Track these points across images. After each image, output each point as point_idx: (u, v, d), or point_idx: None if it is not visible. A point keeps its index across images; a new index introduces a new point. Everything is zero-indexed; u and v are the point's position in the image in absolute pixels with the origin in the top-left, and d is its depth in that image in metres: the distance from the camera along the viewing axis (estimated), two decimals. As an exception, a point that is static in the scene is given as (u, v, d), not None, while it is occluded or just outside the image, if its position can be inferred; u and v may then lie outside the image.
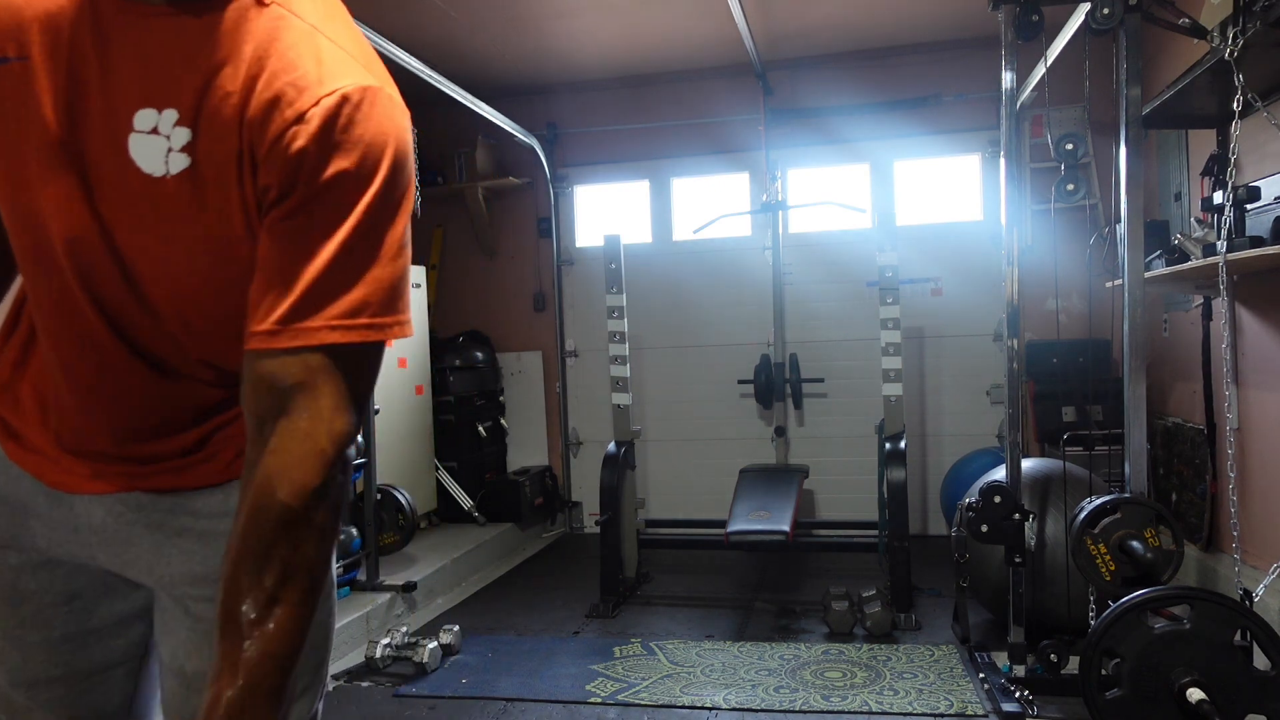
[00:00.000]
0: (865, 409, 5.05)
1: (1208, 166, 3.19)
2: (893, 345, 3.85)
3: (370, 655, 3.18)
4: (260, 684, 0.84)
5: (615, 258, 4.14)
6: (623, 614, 3.86)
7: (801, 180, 5.43)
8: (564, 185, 5.69)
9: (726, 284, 5.43)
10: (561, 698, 2.94)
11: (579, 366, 5.70)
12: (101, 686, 1.14)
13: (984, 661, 2.97)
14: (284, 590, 0.85)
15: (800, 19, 4.63)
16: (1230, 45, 2.39)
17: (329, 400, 0.87)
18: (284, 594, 0.85)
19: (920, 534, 5.12)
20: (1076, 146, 2.90)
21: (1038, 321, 4.92)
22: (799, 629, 3.59)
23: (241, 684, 0.83)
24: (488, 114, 4.74)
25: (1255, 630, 2.17)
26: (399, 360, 4.73)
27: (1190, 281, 3.37)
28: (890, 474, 3.69)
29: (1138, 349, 2.63)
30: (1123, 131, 2.63)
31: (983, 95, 5.00)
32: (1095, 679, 2.24)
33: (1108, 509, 2.52)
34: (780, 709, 2.79)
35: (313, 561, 0.87)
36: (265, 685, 0.84)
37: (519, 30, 4.61)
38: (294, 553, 0.86)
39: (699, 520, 4.83)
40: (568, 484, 5.69)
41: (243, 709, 0.83)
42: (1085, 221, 4.60)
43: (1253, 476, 3.27)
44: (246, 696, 0.83)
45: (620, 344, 4.17)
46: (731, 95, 5.34)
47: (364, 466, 3.73)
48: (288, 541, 0.85)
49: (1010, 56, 2.72)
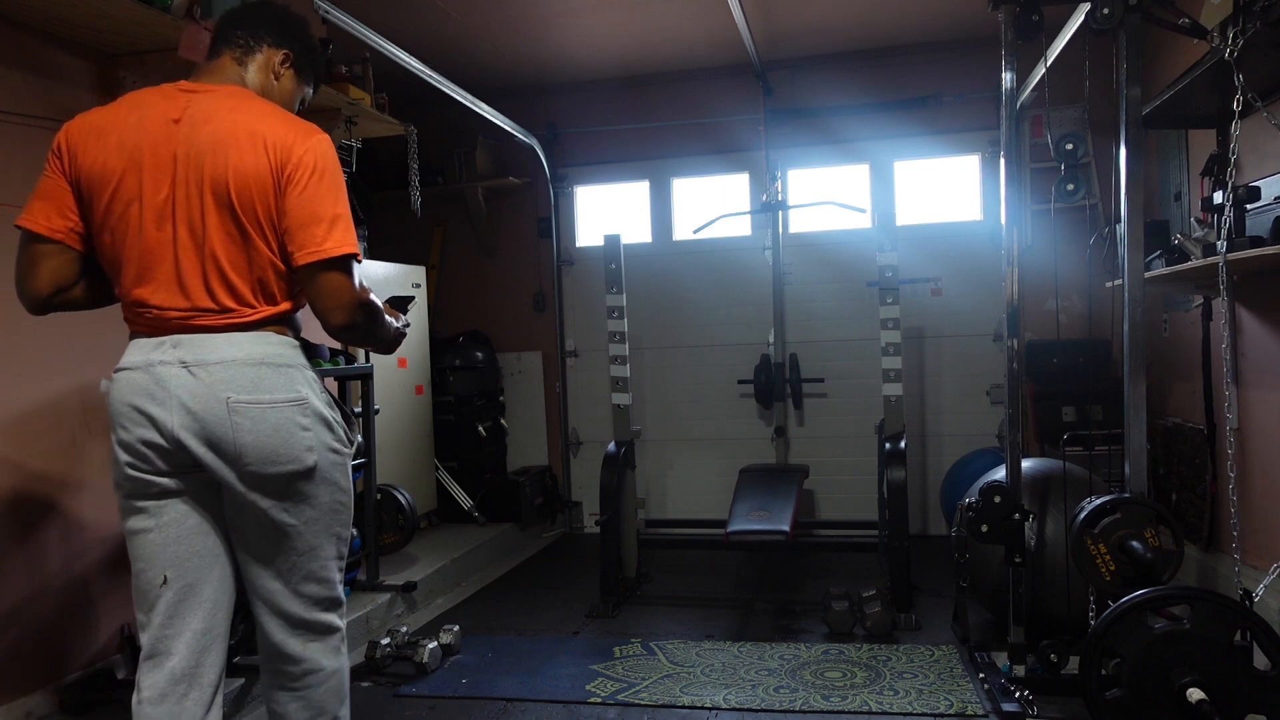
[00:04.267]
0: (865, 409, 5.05)
1: (1208, 166, 3.19)
2: (893, 345, 3.84)
3: (370, 655, 3.18)
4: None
5: (615, 258, 4.14)
6: (623, 614, 3.86)
7: (801, 180, 5.43)
8: (564, 185, 5.69)
9: (726, 284, 5.43)
10: (561, 698, 2.94)
11: (579, 366, 5.70)
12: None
13: (984, 661, 2.97)
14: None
15: (800, 19, 4.63)
16: (1230, 45, 2.39)
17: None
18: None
19: (920, 534, 5.13)
20: (1076, 146, 2.89)
21: (1038, 321, 4.92)
22: (799, 629, 3.59)
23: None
24: (488, 114, 4.74)
25: (1255, 630, 2.17)
26: (399, 360, 4.73)
27: (1190, 281, 3.37)
28: (890, 474, 3.69)
29: (1138, 349, 2.63)
30: (1123, 131, 2.63)
31: (983, 95, 5.00)
32: (1095, 679, 2.24)
33: (1108, 509, 2.52)
34: (780, 709, 2.79)
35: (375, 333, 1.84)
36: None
37: (519, 30, 4.61)
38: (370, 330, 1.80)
39: (699, 520, 4.83)
40: (568, 484, 5.69)
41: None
42: (1085, 221, 4.60)
43: (1253, 476, 3.27)
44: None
45: (620, 344, 4.17)
46: (731, 95, 5.34)
47: (364, 466, 3.73)
48: (359, 333, 1.78)
49: (1010, 56, 2.72)
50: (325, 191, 1.67)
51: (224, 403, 1.65)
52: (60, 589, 2.66)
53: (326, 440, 1.75)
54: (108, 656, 2.80)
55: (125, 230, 1.67)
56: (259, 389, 1.67)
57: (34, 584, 2.58)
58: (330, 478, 1.77)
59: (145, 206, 1.66)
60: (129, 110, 1.70)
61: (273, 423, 1.67)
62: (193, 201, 1.65)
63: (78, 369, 2.73)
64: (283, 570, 1.76)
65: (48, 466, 2.63)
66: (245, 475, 1.68)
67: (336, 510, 1.80)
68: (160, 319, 1.68)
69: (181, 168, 1.65)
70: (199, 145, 1.65)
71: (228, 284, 1.67)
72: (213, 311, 1.67)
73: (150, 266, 1.66)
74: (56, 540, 2.65)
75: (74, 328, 2.72)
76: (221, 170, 1.64)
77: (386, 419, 4.42)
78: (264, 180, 1.65)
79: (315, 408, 1.74)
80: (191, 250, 1.66)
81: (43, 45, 2.65)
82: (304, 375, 1.75)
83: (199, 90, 1.72)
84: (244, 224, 1.65)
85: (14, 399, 2.53)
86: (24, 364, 2.56)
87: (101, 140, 1.67)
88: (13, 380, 2.52)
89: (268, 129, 1.66)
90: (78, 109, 2.73)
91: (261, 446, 1.67)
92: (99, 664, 2.74)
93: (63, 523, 2.67)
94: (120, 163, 1.66)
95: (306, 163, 1.66)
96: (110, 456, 1.70)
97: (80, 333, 2.74)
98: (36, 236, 1.69)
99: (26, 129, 2.58)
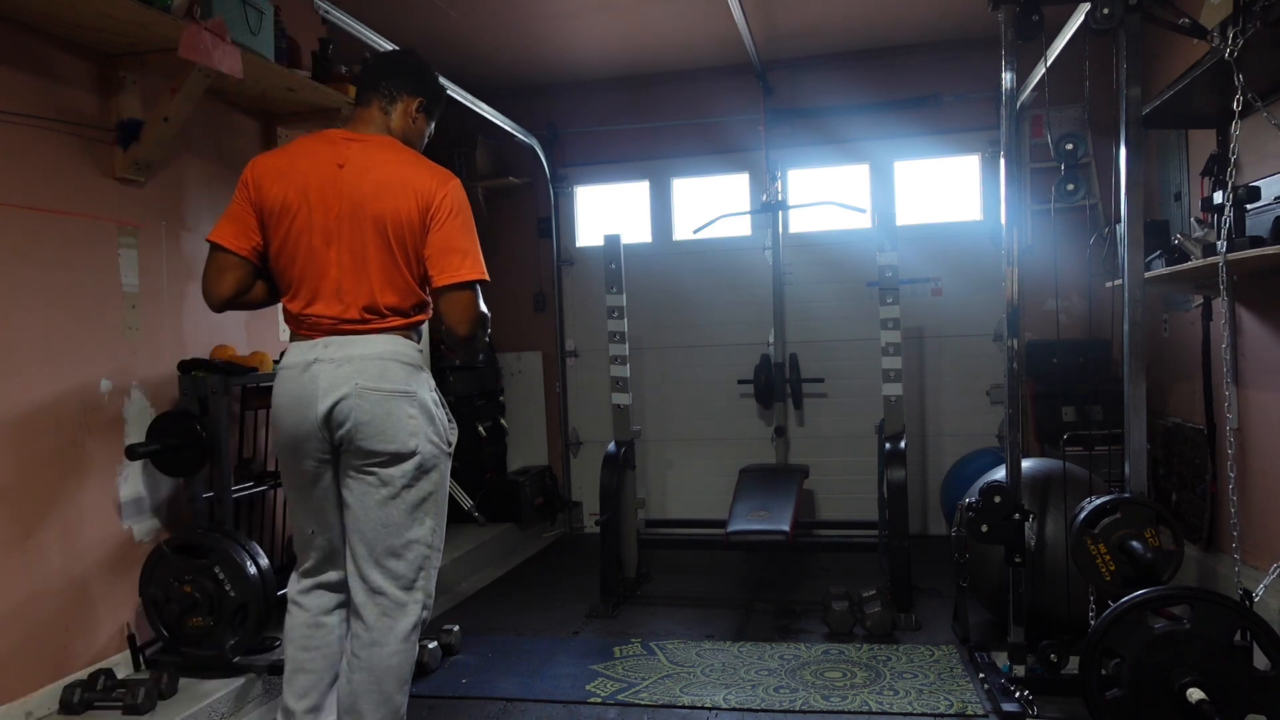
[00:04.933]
0: (865, 409, 5.05)
1: (1208, 166, 3.19)
2: (893, 345, 3.84)
3: (370, 655, 3.18)
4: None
5: (615, 258, 4.14)
6: (623, 614, 3.86)
7: (801, 180, 5.43)
8: (564, 185, 5.69)
9: (726, 284, 5.43)
10: (561, 698, 2.94)
11: (579, 366, 5.70)
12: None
13: (984, 661, 2.97)
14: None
15: (800, 19, 4.63)
16: (1230, 45, 2.39)
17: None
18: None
19: (920, 534, 5.13)
20: (1076, 146, 2.90)
21: (1038, 321, 4.92)
22: (799, 629, 3.59)
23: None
24: (488, 114, 4.74)
25: (1255, 630, 2.17)
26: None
27: (1190, 281, 3.36)
28: (890, 474, 3.69)
29: (1138, 349, 2.63)
30: (1123, 131, 2.63)
31: (983, 95, 5.00)
32: (1095, 679, 2.24)
33: (1108, 509, 2.52)
34: (780, 709, 2.79)
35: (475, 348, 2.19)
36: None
37: (519, 30, 4.61)
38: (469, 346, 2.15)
39: (699, 520, 4.83)
40: (568, 484, 5.69)
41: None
42: (1085, 221, 4.60)
43: (1253, 476, 3.27)
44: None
45: (620, 344, 4.17)
46: (731, 95, 5.34)
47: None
48: (475, 343, 2.15)
49: (1010, 56, 2.72)
50: (459, 228, 2.12)
51: (354, 387, 2.05)
52: (60, 589, 2.66)
53: (428, 432, 2.11)
54: (108, 656, 2.80)
55: (298, 253, 2.11)
56: (382, 379, 2.07)
57: (34, 584, 2.58)
58: (427, 466, 2.11)
59: (315, 235, 2.09)
60: (302, 155, 2.14)
61: (387, 408, 2.06)
62: (356, 233, 2.09)
63: (78, 369, 2.73)
64: (369, 538, 2.10)
65: (48, 466, 2.63)
66: (358, 450, 2.07)
67: (426, 499, 2.13)
68: (319, 324, 2.12)
69: (348, 205, 2.08)
70: (365, 190, 2.09)
71: (376, 298, 2.10)
72: (359, 320, 2.10)
73: (317, 283, 2.10)
74: (56, 540, 2.65)
75: (74, 328, 2.72)
76: (381, 211, 2.08)
77: (386, 419, 4.41)
78: (413, 220, 2.09)
79: (424, 402, 2.12)
80: (352, 271, 2.09)
81: (43, 45, 2.65)
82: (420, 374, 2.15)
83: (357, 140, 2.17)
84: (395, 253, 2.09)
85: (14, 399, 2.53)
86: (24, 364, 2.56)
87: (281, 180, 2.10)
88: (13, 380, 2.52)
89: (416, 177, 2.12)
90: (78, 109, 2.75)
91: (373, 425, 2.05)
92: (99, 664, 2.74)
93: (63, 523, 2.67)
94: (296, 199, 2.09)
95: (445, 206, 2.11)
96: (275, 438, 2.17)
97: (80, 333, 2.74)
98: (225, 250, 2.12)
99: (26, 129, 2.58)
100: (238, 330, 3.45)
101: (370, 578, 2.09)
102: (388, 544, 2.08)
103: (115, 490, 2.87)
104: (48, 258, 2.64)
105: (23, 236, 2.56)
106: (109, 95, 2.86)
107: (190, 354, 3.13)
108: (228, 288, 2.14)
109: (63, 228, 2.69)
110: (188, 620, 2.76)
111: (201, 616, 2.75)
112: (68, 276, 2.70)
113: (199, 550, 2.79)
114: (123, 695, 2.54)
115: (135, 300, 2.95)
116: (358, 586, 2.11)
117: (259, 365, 3.16)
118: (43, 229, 2.62)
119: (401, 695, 2.10)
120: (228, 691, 2.74)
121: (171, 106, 2.81)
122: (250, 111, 3.54)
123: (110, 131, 2.86)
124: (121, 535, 2.89)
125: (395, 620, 2.09)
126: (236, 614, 2.77)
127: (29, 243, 2.58)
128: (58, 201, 2.68)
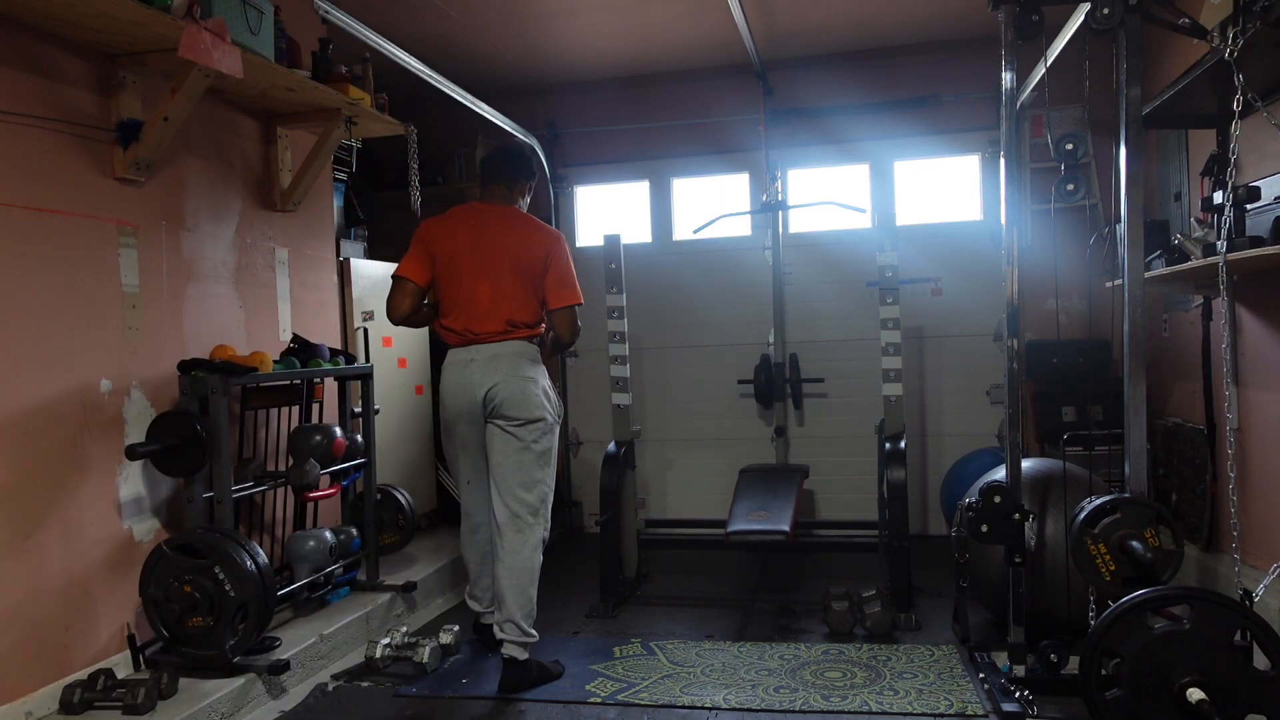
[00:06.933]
0: (865, 409, 5.05)
1: (1208, 166, 3.19)
2: (893, 345, 3.84)
3: (370, 655, 3.18)
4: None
5: (615, 258, 4.14)
6: (623, 614, 3.86)
7: (801, 180, 5.43)
8: (564, 185, 5.69)
9: (726, 284, 5.43)
10: (561, 697, 2.94)
11: (579, 366, 5.70)
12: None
13: (984, 661, 2.97)
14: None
15: (800, 19, 4.63)
16: (1230, 45, 2.38)
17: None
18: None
19: (920, 534, 5.12)
20: (1076, 146, 2.89)
21: (1038, 321, 4.92)
22: (799, 629, 3.59)
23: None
24: (488, 114, 4.74)
25: (1255, 630, 2.17)
26: (399, 360, 4.73)
27: (1190, 281, 3.36)
28: (890, 474, 3.69)
29: (1138, 349, 2.63)
30: (1123, 131, 2.63)
31: (983, 95, 5.00)
32: (1095, 679, 2.24)
33: (1108, 509, 2.52)
34: (780, 709, 2.79)
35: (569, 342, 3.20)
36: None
37: (519, 30, 4.61)
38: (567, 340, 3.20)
39: (699, 520, 4.83)
40: (568, 484, 5.69)
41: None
42: (1085, 221, 4.60)
43: (1253, 476, 3.27)
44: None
45: (620, 344, 4.17)
46: (731, 95, 5.34)
47: (364, 466, 3.73)
48: (567, 347, 3.24)
49: (1010, 56, 2.72)
50: (566, 269, 3.12)
51: (502, 375, 3.01)
52: (60, 589, 2.66)
53: (548, 406, 3.07)
54: (108, 656, 2.80)
55: (459, 286, 3.08)
56: (516, 370, 3.04)
57: (34, 584, 2.58)
58: (547, 429, 3.06)
59: (468, 274, 3.06)
60: (460, 218, 3.14)
61: (523, 388, 3.02)
62: (499, 271, 3.05)
63: (78, 369, 2.73)
64: (507, 475, 3.03)
65: (48, 466, 2.63)
66: (504, 417, 3.02)
67: (546, 451, 3.08)
68: (470, 336, 3.07)
69: (492, 252, 3.06)
70: (505, 242, 3.08)
71: (511, 317, 3.06)
72: (500, 331, 3.05)
73: (469, 308, 3.06)
74: (56, 540, 2.65)
75: (74, 328, 2.72)
76: (518, 259, 3.06)
77: (386, 419, 4.42)
78: (538, 264, 3.08)
79: (544, 386, 3.09)
80: (492, 298, 3.05)
81: (43, 45, 2.65)
82: (540, 367, 3.13)
83: (493, 210, 3.16)
84: (526, 285, 3.07)
85: (14, 399, 2.53)
86: (24, 364, 2.56)
87: (448, 237, 3.10)
88: (13, 380, 2.52)
89: (537, 233, 3.13)
90: (78, 109, 2.76)
91: (513, 400, 3.01)
92: (99, 664, 2.74)
93: (63, 523, 2.67)
94: (459, 250, 3.08)
95: (556, 255, 3.11)
96: (443, 414, 3.15)
97: (80, 333, 2.74)
98: (410, 281, 3.08)
99: (26, 129, 2.58)
100: (238, 331, 3.45)
101: (510, 504, 3.01)
102: (520, 479, 3.01)
103: (115, 490, 2.87)
104: (48, 258, 2.64)
105: (23, 236, 2.56)
106: (109, 95, 2.86)
107: (190, 354, 3.13)
108: (409, 306, 3.09)
109: (63, 228, 2.69)
110: (187, 620, 2.75)
111: (201, 616, 2.75)
112: (68, 276, 2.70)
113: (199, 550, 2.79)
114: (123, 695, 2.54)
115: (135, 300, 2.95)
116: (502, 512, 3.01)
117: (259, 365, 3.15)
118: (43, 229, 2.62)
119: (532, 589, 3.02)
120: (228, 691, 2.74)
121: (171, 106, 2.81)
122: (250, 111, 3.54)
123: (110, 131, 2.86)
124: (121, 535, 2.89)
125: (523, 533, 3.01)
126: (236, 614, 2.77)
127: (29, 243, 2.58)
128: (58, 201, 2.68)
